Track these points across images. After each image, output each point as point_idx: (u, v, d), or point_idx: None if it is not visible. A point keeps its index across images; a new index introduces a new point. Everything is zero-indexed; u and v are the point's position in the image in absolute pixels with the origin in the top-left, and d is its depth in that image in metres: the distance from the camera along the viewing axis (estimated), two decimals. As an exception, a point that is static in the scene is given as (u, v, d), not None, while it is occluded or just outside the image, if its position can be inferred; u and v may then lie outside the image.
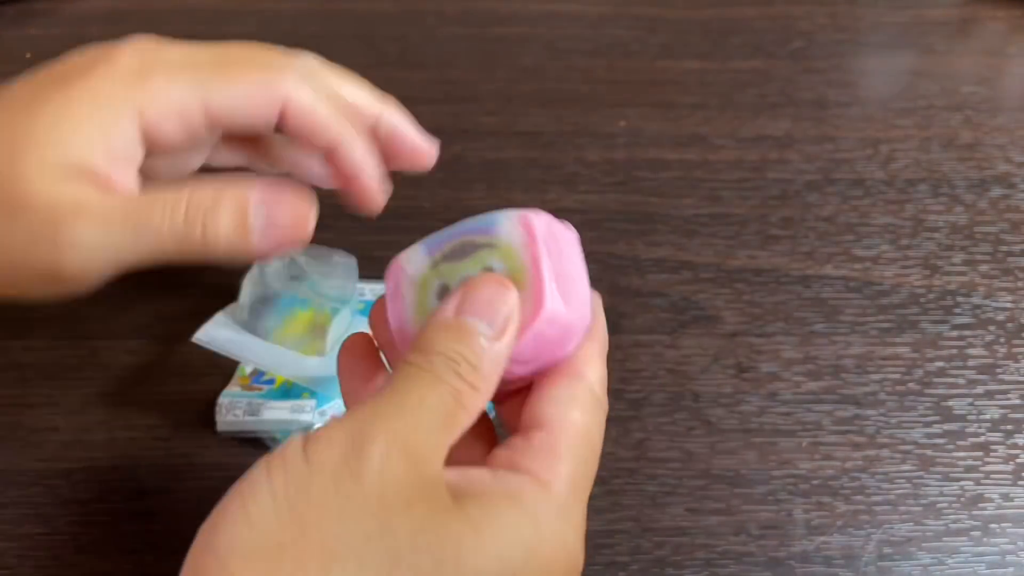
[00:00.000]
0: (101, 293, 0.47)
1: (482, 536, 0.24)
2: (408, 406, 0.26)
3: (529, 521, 0.25)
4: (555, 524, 0.26)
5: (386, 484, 0.24)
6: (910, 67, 0.60)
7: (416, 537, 0.23)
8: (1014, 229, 0.51)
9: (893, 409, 0.43)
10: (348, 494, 0.24)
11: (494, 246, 0.29)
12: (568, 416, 0.28)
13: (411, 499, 0.24)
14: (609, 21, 0.64)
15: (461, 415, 0.26)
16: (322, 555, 0.23)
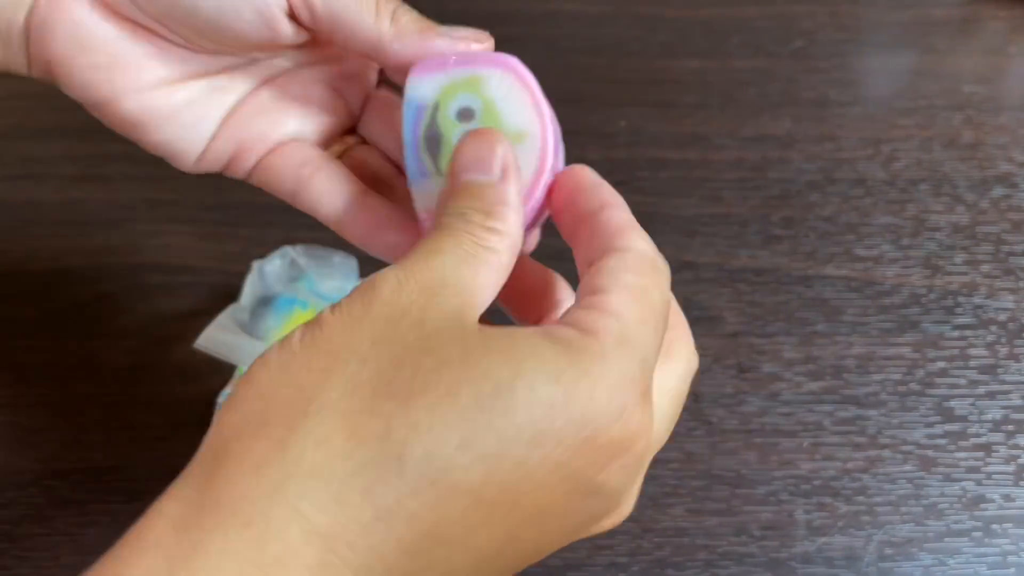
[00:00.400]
0: (101, 293, 0.48)
1: (501, 352, 0.22)
2: (421, 252, 0.24)
3: (563, 354, 0.22)
4: (596, 369, 0.22)
5: (396, 305, 0.22)
6: (911, 66, 0.60)
7: (424, 341, 0.21)
8: (1016, 229, 0.51)
9: (894, 409, 0.43)
10: (357, 317, 0.22)
11: None
12: (620, 278, 0.24)
13: (423, 319, 0.22)
14: (609, 21, 0.64)
15: (485, 254, 0.24)
16: (327, 357, 0.22)
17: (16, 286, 0.48)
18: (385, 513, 0.20)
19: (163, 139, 0.31)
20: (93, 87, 0.30)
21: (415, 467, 0.20)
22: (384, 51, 0.29)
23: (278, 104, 0.32)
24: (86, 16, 0.30)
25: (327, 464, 0.20)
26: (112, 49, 0.30)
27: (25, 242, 0.49)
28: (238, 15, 0.28)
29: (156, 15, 0.30)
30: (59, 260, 0.49)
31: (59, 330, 0.46)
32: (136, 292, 0.48)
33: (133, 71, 0.30)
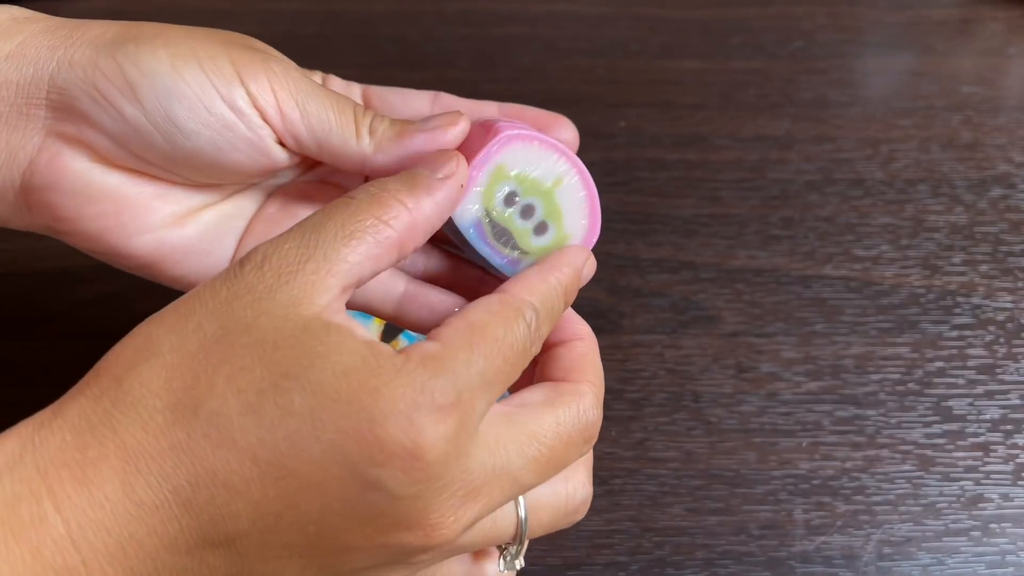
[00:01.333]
0: (102, 293, 0.48)
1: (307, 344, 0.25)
2: (306, 226, 0.27)
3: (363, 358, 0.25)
4: (387, 375, 0.25)
5: (247, 284, 0.26)
6: (910, 67, 0.60)
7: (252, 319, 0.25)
8: (1014, 229, 0.51)
9: (893, 409, 0.43)
10: (215, 288, 0.26)
11: None
12: (467, 314, 0.27)
13: (262, 299, 0.25)
14: (609, 21, 0.64)
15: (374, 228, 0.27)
16: (177, 316, 0.26)
17: (17, 286, 0.48)
18: (176, 446, 0.24)
19: (182, 274, 0.33)
20: (104, 235, 0.32)
21: (205, 418, 0.24)
22: (370, 166, 0.31)
23: (288, 214, 0.33)
24: (87, 170, 0.31)
25: (143, 400, 0.25)
26: (118, 196, 0.31)
27: (26, 242, 0.50)
28: (234, 149, 0.30)
29: (158, 163, 0.31)
30: (60, 260, 0.49)
31: (60, 330, 0.46)
32: (137, 292, 0.48)
33: (142, 213, 0.32)
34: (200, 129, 0.30)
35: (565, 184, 0.32)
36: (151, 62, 0.29)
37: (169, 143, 0.30)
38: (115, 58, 0.29)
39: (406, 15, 0.64)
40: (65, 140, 0.30)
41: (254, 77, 0.30)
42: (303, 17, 0.64)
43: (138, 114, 0.29)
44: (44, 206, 0.31)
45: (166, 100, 0.29)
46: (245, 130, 0.30)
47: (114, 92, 0.29)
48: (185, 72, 0.29)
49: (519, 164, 0.31)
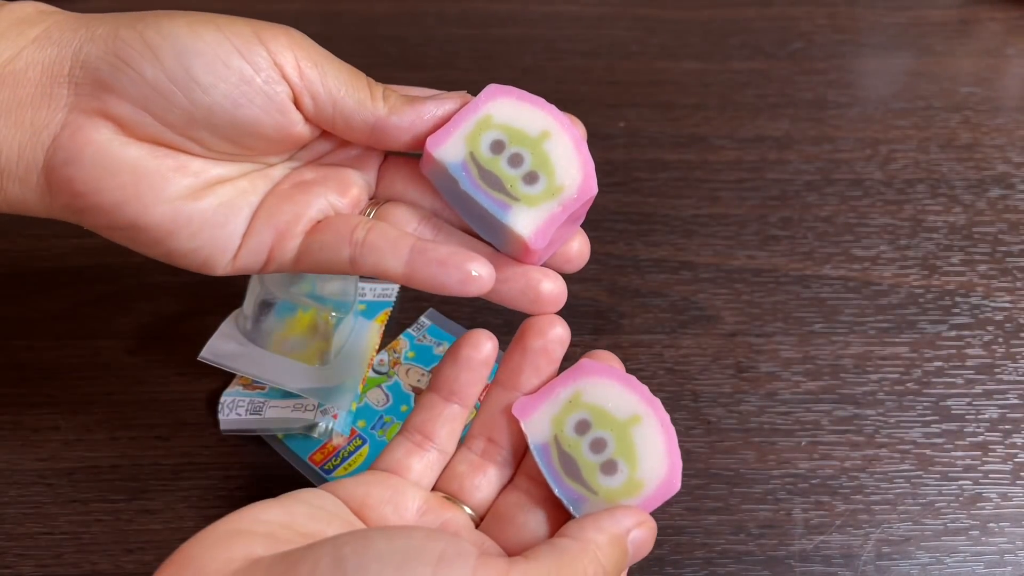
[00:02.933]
0: (103, 293, 0.48)
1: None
2: None
3: None
4: None
5: None
6: (909, 68, 0.61)
7: None
8: (1012, 229, 0.51)
9: (892, 409, 0.43)
10: None
11: None
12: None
13: None
14: (609, 21, 0.64)
15: None
16: None
17: (18, 286, 0.48)
18: None
19: (195, 246, 0.33)
20: (122, 207, 0.32)
21: None
22: (384, 126, 0.32)
23: (301, 188, 0.34)
24: (109, 141, 0.31)
25: None
26: (136, 168, 0.32)
27: (27, 242, 0.50)
28: (251, 103, 0.31)
29: (179, 126, 0.31)
30: (61, 260, 0.49)
31: (61, 330, 0.46)
32: (138, 292, 0.48)
33: (158, 184, 0.32)
34: (217, 83, 0.31)
35: (553, 137, 0.32)
36: (170, 26, 0.31)
37: (189, 99, 0.31)
38: (135, 28, 0.31)
39: (406, 15, 0.64)
40: (87, 114, 0.31)
41: (275, 38, 0.31)
42: (303, 17, 0.64)
43: (158, 73, 0.30)
44: (65, 182, 0.32)
45: (185, 57, 0.30)
46: (262, 84, 0.31)
47: (135, 56, 0.30)
48: (203, 32, 0.31)
49: (506, 116, 0.32)
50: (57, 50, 0.31)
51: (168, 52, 0.30)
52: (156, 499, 0.40)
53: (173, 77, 0.30)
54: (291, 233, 0.33)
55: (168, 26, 0.31)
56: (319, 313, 0.42)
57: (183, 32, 0.31)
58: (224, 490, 0.41)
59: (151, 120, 0.31)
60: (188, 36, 0.31)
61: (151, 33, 0.31)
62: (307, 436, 0.41)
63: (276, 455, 0.41)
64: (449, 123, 0.32)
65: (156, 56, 0.30)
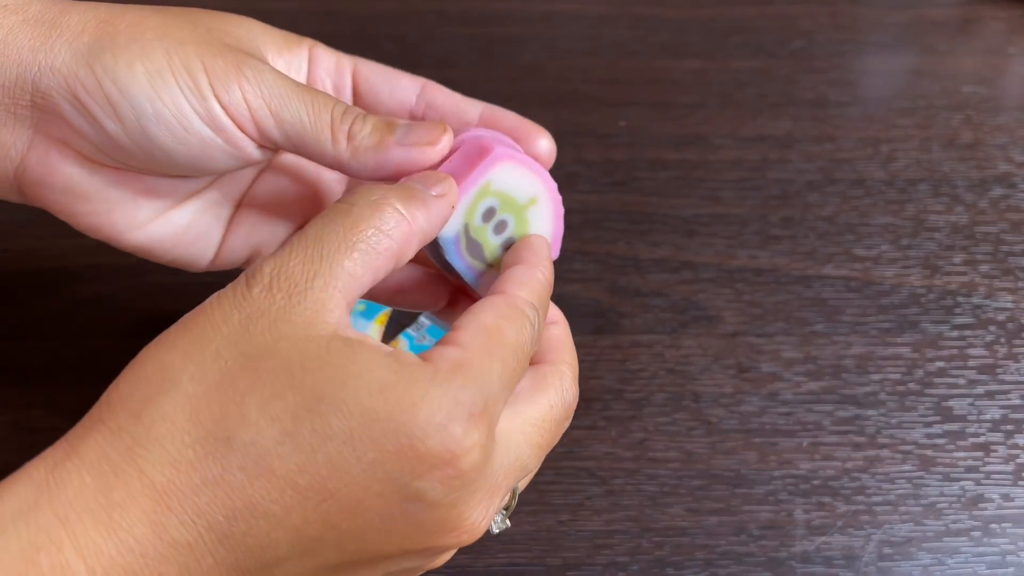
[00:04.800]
0: (102, 293, 0.48)
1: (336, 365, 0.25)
2: (307, 238, 0.26)
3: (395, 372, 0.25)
4: (421, 387, 0.25)
5: (260, 305, 0.25)
6: (911, 67, 0.60)
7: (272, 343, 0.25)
8: (1015, 229, 0.51)
9: (893, 409, 0.43)
10: (225, 310, 0.26)
11: None
12: (478, 317, 0.28)
13: (278, 321, 0.25)
14: (609, 21, 0.64)
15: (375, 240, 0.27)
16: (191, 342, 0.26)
17: (17, 286, 0.48)
18: (210, 481, 0.24)
19: (172, 259, 0.34)
20: (96, 230, 0.33)
21: (239, 449, 0.24)
22: (345, 171, 0.31)
23: (279, 207, 0.35)
24: (74, 170, 0.31)
25: (168, 436, 0.24)
26: (106, 195, 0.32)
27: (25, 242, 0.50)
28: (213, 160, 0.31)
29: (142, 167, 0.31)
30: (60, 260, 0.49)
31: (60, 330, 0.46)
32: (137, 292, 0.48)
33: (130, 210, 0.32)
34: (179, 147, 0.30)
35: (539, 203, 0.33)
36: (128, 81, 0.29)
37: (148, 157, 0.31)
38: (93, 71, 0.30)
39: (406, 15, 0.64)
40: (52, 141, 0.31)
41: (226, 88, 0.30)
42: (303, 17, 0.64)
43: (118, 130, 0.30)
44: (38, 200, 0.32)
45: (144, 121, 0.30)
46: (223, 144, 0.31)
47: (95, 107, 0.30)
48: (162, 92, 0.30)
49: (502, 182, 0.31)
50: (17, 72, 0.30)
51: (127, 112, 0.30)
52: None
53: (133, 139, 0.30)
54: (266, 250, 0.34)
55: (126, 80, 0.29)
56: None
57: (142, 91, 0.30)
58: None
59: (113, 160, 0.31)
60: (147, 96, 0.30)
61: (109, 86, 0.30)
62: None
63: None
64: None
65: (116, 114, 0.30)
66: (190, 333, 0.26)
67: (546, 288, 0.30)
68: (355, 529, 0.25)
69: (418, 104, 0.36)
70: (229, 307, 0.26)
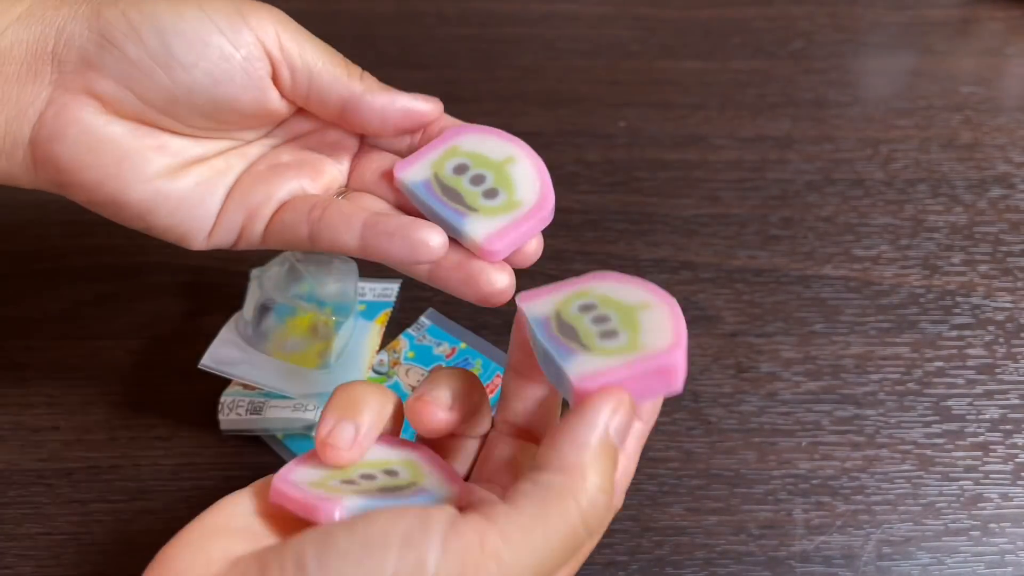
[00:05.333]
0: (103, 293, 0.48)
1: None
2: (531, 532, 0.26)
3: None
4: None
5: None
6: (910, 67, 0.61)
7: None
8: (1013, 229, 0.51)
9: (892, 409, 0.43)
10: None
11: None
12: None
13: None
14: (609, 21, 0.64)
15: None
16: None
17: (18, 286, 0.48)
18: None
19: (173, 222, 0.34)
20: (103, 184, 0.33)
21: None
22: (356, 104, 0.33)
23: (275, 170, 0.35)
24: (93, 119, 0.32)
25: None
26: (119, 147, 0.33)
27: (27, 242, 0.50)
28: (230, 81, 0.32)
29: (160, 104, 0.32)
30: (61, 260, 0.49)
31: (61, 330, 0.46)
32: (138, 292, 0.48)
33: (139, 164, 0.33)
34: (198, 61, 0.32)
35: (517, 162, 0.33)
36: (152, 6, 0.32)
37: (170, 77, 0.32)
38: (117, 6, 0.32)
39: (406, 15, 0.64)
40: (71, 92, 0.32)
41: (256, 14, 0.32)
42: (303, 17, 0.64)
43: (140, 53, 0.31)
44: (49, 158, 0.32)
45: (166, 37, 0.31)
46: (242, 60, 0.32)
47: (118, 36, 0.31)
48: (184, 11, 0.32)
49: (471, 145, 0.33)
50: (41, 28, 0.32)
51: (149, 32, 0.31)
52: (156, 499, 0.40)
53: (155, 56, 0.31)
54: (260, 214, 0.34)
55: (150, 6, 0.32)
56: (318, 316, 0.42)
57: (164, 12, 0.32)
58: (224, 491, 0.40)
59: (133, 98, 0.32)
60: (169, 16, 0.32)
61: (133, 13, 0.31)
62: (307, 436, 0.41)
63: (276, 455, 0.41)
64: (415, 153, 0.34)
65: (138, 36, 0.31)
66: None
67: None
68: None
69: None
70: None
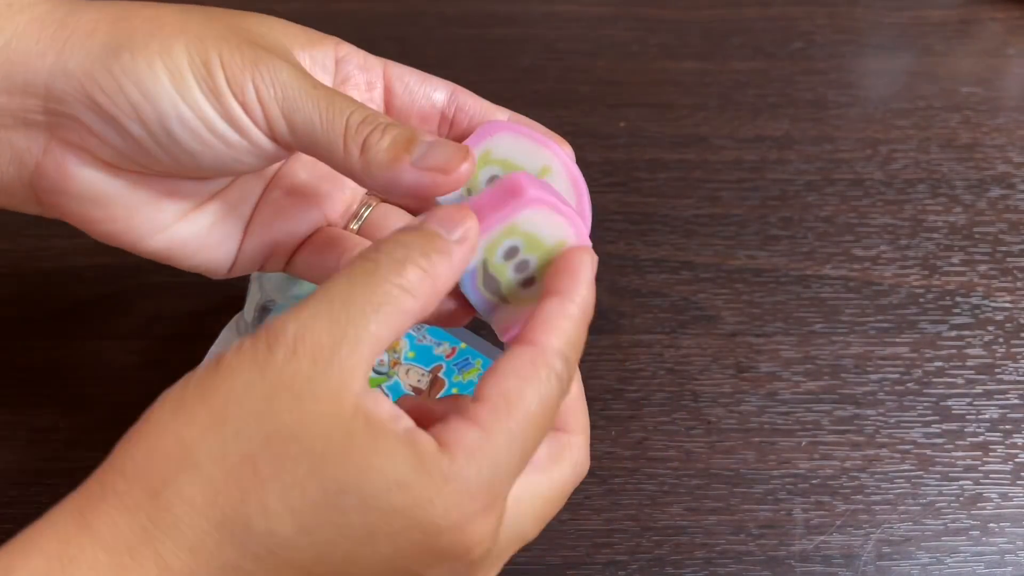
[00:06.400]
0: (104, 293, 0.48)
1: (358, 455, 0.24)
2: (332, 300, 0.25)
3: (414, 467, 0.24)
4: (438, 484, 0.24)
5: (284, 376, 0.24)
6: (909, 68, 0.61)
7: (295, 424, 0.24)
8: (1013, 229, 0.51)
9: (892, 409, 0.43)
10: (246, 381, 0.24)
11: None
12: (501, 384, 0.26)
13: (303, 396, 0.24)
14: (609, 21, 0.64)
15: (399, 300, 0.26)
16: (211, 416, 0.24)
17: (19, 286, 0.48)
18: (227, 568, 0.24)
19: (193, 264, 0.33)
20: (116, 236, 0.32)
21: (258, 538, 0.24)
22: (357, 181, 0.30)
23: (293, 198, 0.33)
24: (93, 175, 0.30)
25: (187, 519, 0.23)
26: (126, 199, 0.31)
27: (28, 242, 0.50)
28: (236, 161, 0.30)
29: (162, 172, 0.30)
30: (61, 260, 0.49)
31: (62, 330, 0.46)
32: (139, 292, 0.48)
33: (151, 214, 0.31)
34: (203, 149, 0.29)
35: (566, 247, 0.30)
36: (150, 83, 0.28)
37: (173, 160, 0.30)
38: (112, 73, 0.28)
39: (406, 15, 0.64)
40: (69, 146, 0.30)
41: (241, 86, 0.29)
42: (303, 17, 0.64)
43: (142, 133, 0.29)
44: (56, 208, 0.31)
45: (168, 123, 0.29)
46: (247, 145, 0.30)
47: (117, 112, 0.29)
48: (184, 93, 0.29)
49: (531, 224, 0.30)
50: (24, 79, 0.29)
51: (150, 115, 0.29)
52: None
53: (157, 141, 0.29)
54: (282, 250, 0.33)
55: (148, 82, 0.28)
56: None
57: (165, 92, 0.29)
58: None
59: (134, 163, 0.30)
60: (169, 99, 0.29)
61: (131, 88, 0.28)
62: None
63: (276, 455, 0.41)
64: None
65: (140, 118, 0.29)
66: (209, 405, 0.24)
67: (581, 323, 0.28)
68: None
69: (449, 105, 0.34)
70: (251, 374, 0.24)
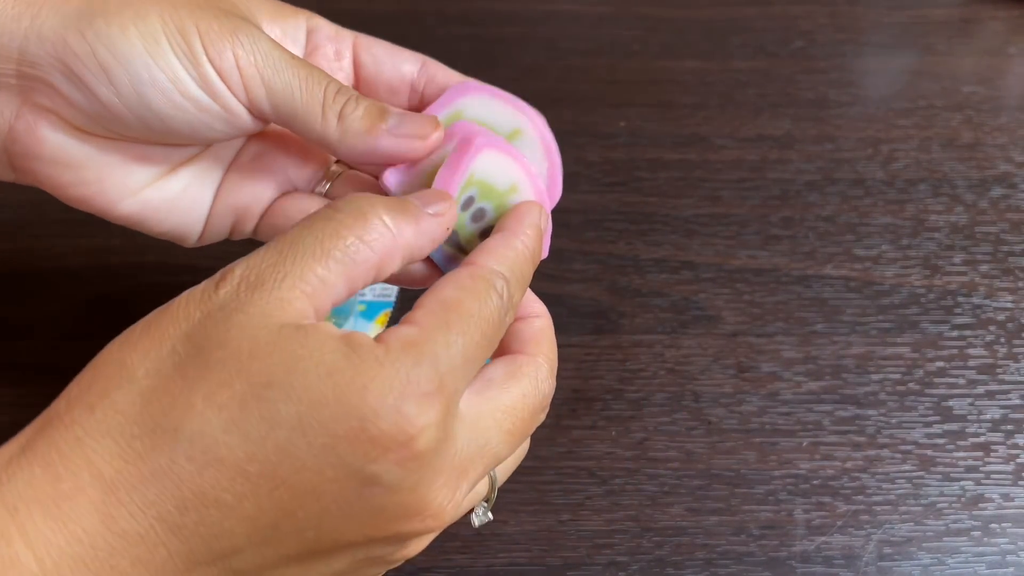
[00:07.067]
0: (102, 293, 0.48)
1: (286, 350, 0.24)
2: (283, 244, 0.26)
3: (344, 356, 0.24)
4: (370, 369, 0.24)
5: (219, 303, 0.25)
6: (911, 67, 0.60)
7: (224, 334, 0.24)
8: (1014, 229, 0.51)
9: (893, 409, 0.43)
10: (188, 312, 0.25)
11: None
12: (439, 293, 0.27)
13: (233, 312, 0.25)
14: (609, 21, 0.64)
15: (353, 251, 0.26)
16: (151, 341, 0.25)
17: (17, 286, 0.48)
18: (159, 471, 0.24)
19: (164, 229, 0.33)
20: (87, 200, 0.32)
21: (187, 439, 0.24)
22: (333, 151, 0.31)
23: (262, 164, 0.34)
24: (65, 140, 0.31)
25: (118, 427, 0.24)
26: (97, 163, 0.31)
27: (26, 242, 0.50)
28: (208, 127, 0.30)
29: (134, 137, 0.31)
30: (60, 260, 0.49)
31: (61, 330, 0.46)
32: (138, 292, 0.48)
33: (122, 178, 0.32)
34: (175, 113, 0.30)
35: (520, 190, 0.32)
36: (123, 46, 0.29)
37: (144, 125, 0.30)
38: (85, 37, 0.29)
39: (406, 15, 0.64)
40: (40, 110, 0.30)
41: (220, 52, 0.29)
42: (303, 17, 0.64)
43: (112, 96, 0.29)
44: (28, 172, 0.31)
45: (140, 87, 0.29)
46: (219, 110, 0.30)
47: (87, 74, 0.29)
48: (157, 56, 0.29)
49: (483, 171, 0.31)
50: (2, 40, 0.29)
51: (122, 78, 0.29)
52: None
53: (128, 105, 0.29)
54: (249, 215, 0.33)
55: (120, 45, 0.29)
56: None
57: (137, 55, 0.29)
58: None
59: (105, 128, 0.30)
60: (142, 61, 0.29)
61: (103, 51, 0.29)
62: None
63: (276, 456, 0.41)
64: None
65: (110, 80, 0.29)
66: (151, 332, 0.25)
67: (524, 257, 0.29)
68: (312, 516, 0.24)
69: (419, 78, 0.35)
70: (193, 306, 0.25)
